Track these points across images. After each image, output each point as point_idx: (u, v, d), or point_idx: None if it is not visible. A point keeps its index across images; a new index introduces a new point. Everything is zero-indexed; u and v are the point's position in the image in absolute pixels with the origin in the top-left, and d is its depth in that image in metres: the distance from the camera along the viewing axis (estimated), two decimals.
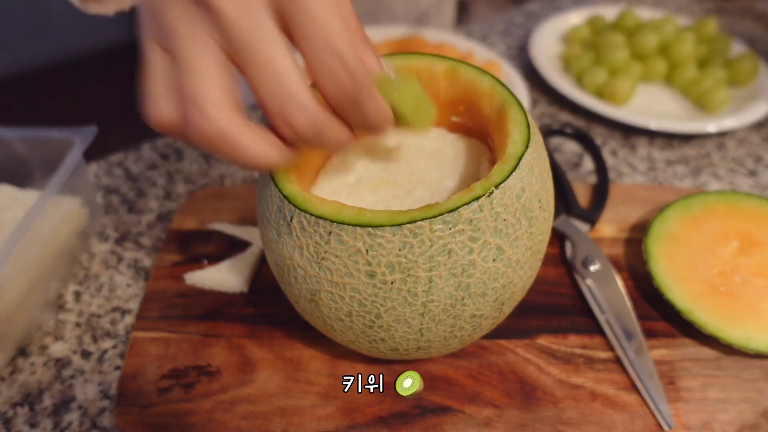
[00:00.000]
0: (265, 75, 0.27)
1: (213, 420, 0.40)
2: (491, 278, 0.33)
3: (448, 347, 0.38)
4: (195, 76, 0.27)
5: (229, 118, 0.27)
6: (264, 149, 0.29)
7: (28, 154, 0.52)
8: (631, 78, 0.71)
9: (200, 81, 0.27)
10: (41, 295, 0.48)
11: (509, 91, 0.37)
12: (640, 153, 0.68)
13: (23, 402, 0.43)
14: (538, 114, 0.73)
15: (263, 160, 0.29)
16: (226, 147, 0.28)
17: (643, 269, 0.51)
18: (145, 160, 0.65)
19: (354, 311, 0.34)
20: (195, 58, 0.27)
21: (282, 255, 0.34)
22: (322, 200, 0.32)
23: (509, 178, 0.32)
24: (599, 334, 0.46)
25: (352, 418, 0.40)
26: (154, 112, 0.28)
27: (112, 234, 0.56)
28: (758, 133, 0.71)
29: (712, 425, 0.41)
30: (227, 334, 0.46)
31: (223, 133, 0.27)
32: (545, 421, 0.40)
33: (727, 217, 0.51)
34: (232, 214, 0.55)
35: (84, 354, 0.46)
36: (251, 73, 0.27)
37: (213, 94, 0.27)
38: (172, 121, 0.28)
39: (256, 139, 0.28)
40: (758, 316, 0.45)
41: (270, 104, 0.27)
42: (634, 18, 0.79)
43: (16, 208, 0.48)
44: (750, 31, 0.93)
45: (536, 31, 0.83)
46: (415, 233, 0.31)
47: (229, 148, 0.28)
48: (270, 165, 0.29)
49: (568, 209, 0.54)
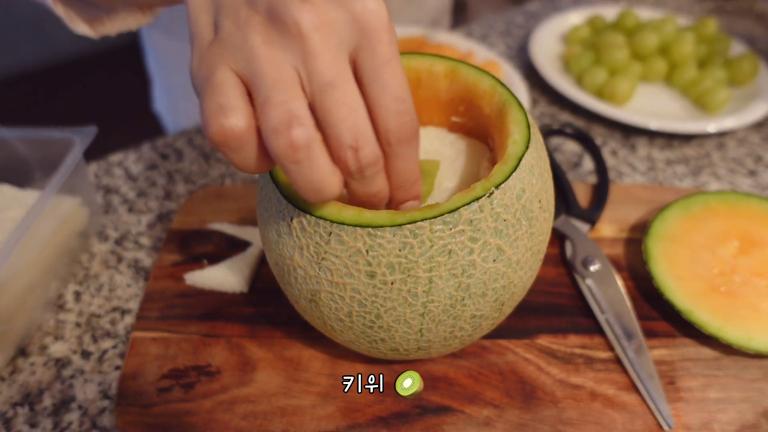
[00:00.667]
0: (347, 114, 0.28)
1: (213, 420, 0.40)
2: (491, 279, 0.33)
3: (448, 347, 0.38)
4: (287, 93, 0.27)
5: (318, 135, 0.28)
6: (333, 175, 0.29)
7: (28, 154, 0.52)
8: (631, 78, 0.71)
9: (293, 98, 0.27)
10: (41, 295, 0.48)
11: (509, 91, 0.37)
12: (640, 153, 0.68)
13: (23, 402, 0.43)
14: (538, 114, 0.73)
15: (328, 184, 0.29)
16: (308, 163, 0.28)
17: (643, 269, 0.51)
18: (145, 160, 0.65)
19: (354, 311, 0.34)
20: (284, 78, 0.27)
21: (282, 255, 0.34)
22: None
23: (509, 178, 0.32)
24: (599, 334, 0.46)
25: (352, 418, 0.40)
26: (224, 121, 0.27)
27: (112, 234, 0.56)
28: (758, 133, 0.71)
29: (712, 425, 0.41)
30: (227, 334, 0.46)
31: (312, 145, 0.27)
32: (545, 421, 0.40)
33: (727, 217, 0.51)
34: (232, 214, 0.55)
35: (84, 354, 0.46)
36: (328, 104, 0.28)
37: (305, 110, 0.27)
38: (241, 135, 0.28)
39: (331, 164, 0.29)
40: (758, 316, 0.45)
41: (345, 138, 0.28)
42: (634, 18, 0.79)
43: (16, 208, 0.47)
44: (750, 31, 0.93)
45: (536, 31, 0.83)
46: (415, 234, 0.31)
47: (309, 164, 0.28)
48: (333, 195, 0.30)
49: (568, 209, 0.54)
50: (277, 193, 0.34)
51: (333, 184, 0.29)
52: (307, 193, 0.29)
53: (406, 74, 0.36)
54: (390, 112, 0.29)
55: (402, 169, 0.31)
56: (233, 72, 0.28)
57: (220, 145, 0.28)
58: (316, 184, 0.29)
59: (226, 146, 0.28)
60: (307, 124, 0.27)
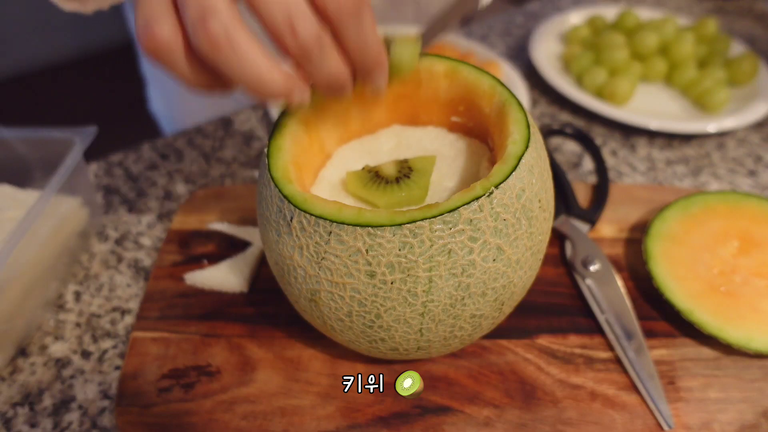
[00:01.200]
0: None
1: (213, 420, 0.40)
2: (491, 278, 0.33)
3: (448, 347, 0.38)
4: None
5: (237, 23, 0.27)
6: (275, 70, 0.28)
7: (28, 154, 0.52)
8: (631, 78, 0.71)
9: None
10: (41, 295, 0.48)
11: (509, 91, 0.37)
12: (640, 153, 0.68)
13: (23, 402, 0.43)
14: (538, 114, 0.73)
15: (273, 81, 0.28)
16: (233, 54, 0.27)
17: (643, 269, 0.51)
18: (145, 160, 0.65)
19: (354, 311, 0.34)
20: None
21: (282, 255, 0.34)
22: (322, 200, 0.32)
23: (509, 178, 0.32)
24: (599, 334, 0.46)
25: (352, 418, 0.40)
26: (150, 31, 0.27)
27: (112, 234, 0.56)
28: (758, 133, 0.71)
29: (712, 425, 0.41)
30: (227, 334, 0.46)
31: (232, 33, 0.27)
32: (545, 421, 0.40)
33: (727, 217, 0.51)
34: (232, 214, 0.55)
35: (84, 354, 0.46)
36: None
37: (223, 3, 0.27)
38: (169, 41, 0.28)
39: (265, 56, 0.28)
40: (758, 316, 0.45)
41: (276, 18, 0.27)
42: (634, 18, 0.79)
43: (16, 208, 0.47)
44: (750, 31, 0.93)
45: (536, 31, 0.83)
46: (415, 233, 0.31)
47: (236, 55, 0.27)
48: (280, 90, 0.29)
49: (568, 209, 0.54)
50: (277, 192, 0.34)
51: (275, 78, 0.28)
52: (252, 91, 0.28)
53: None
54: None
55: (356, 42, 0.30)
56: None
57: (152, 55, 0.28)
58: (255, 77, 0.28)
59: (158, 56, 0.28)
60: (223, 13, 0.27)
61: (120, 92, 2.21)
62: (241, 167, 0.63)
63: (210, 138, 0.67)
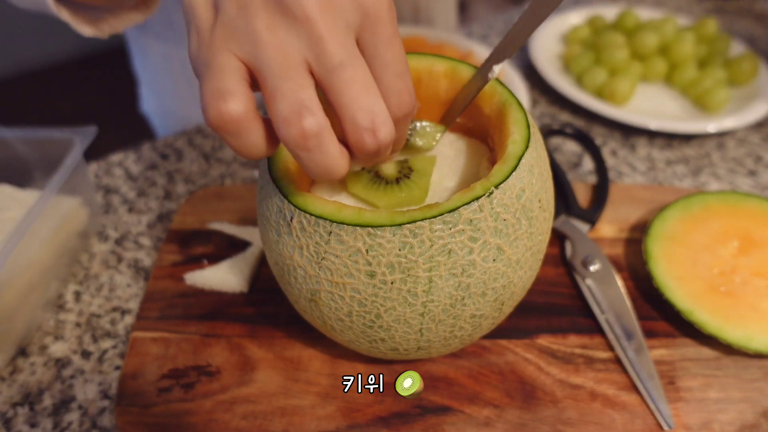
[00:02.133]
0: (359, 93, 0.28)
1: (213, 420, 0.40)
2: (491, 278, 0.33)
3: (448, 347, 0.38)
4: (295, 81, 0.27)
5: (328, 123, 0.28)
6: (342, 157, 0.29)
7: (28, 154, 0.52)
8: (631, 78, 0.71)
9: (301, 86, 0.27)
10: (41, 295, 0.48)
11: (509, 91, 0.37)
12: (640, 153, 0.68)
13: (23, 402, 0.43)
14: (538, 114, 0.73)
15: (337, 166, 0.29)
16: (318, 150, 0.28)
17: (643, 269, 0.51)
18: (145, 160, 0.65)
19: (354, 311, 0.34)
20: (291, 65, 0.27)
21: (282, 255, 0.34)
22: (322, 200, 0.32)
23: (509, 178, 0.32)
24: (599, 334, 0.46)
25: (352, 418, 0.40)
26: (222, 106, 0.27)
27: (112, 234, 0.56)
28: (758, 133, 0.71)
29: (712, 425, 0.41)
30: (227, 334, 0.46)
31: (323, 133, 0.28)
32: (545, 421, 0.40)
33: (727, 217, 0.51)
34: (232, 214, 0.55)
35: (84, 354, 0.46)
36: (339, 85, 0.28)
37: (314, 98, 0.28)
38: (240, 119, 0.28)
39: (340, 148, 0.29)
40: (758, 316, 0.45)
41: (361, 119, 0.28)
42: (634, 18, 0.79)
43: (16, 208, 0.47)
44: (750, 31, 0.93)
45: (536, 31, 0.83)
46: (415, 233, 0.31)
47: (320, 151, 0.28)
48: (340, 175, 0.30)
49: (568, 209, 0.54)
50: (277, 192, 0.34)
51: (342, 165, 0.30)
52: (317, 176, 0.30)
53: None
54: (390, 90, 0.30)
55: (401, 137, 0.34)
56: (237, 57, 0.28)
57: (218, 130, 0.28)
58: (326, 167, 0.29)
59: (224, 131, 0.28)
60: (317, 112, 0.27)
61: (120, 92, 2.21)
62: (241, 167, 0.63)
63: (210, 138, 0.67)
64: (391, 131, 0.29)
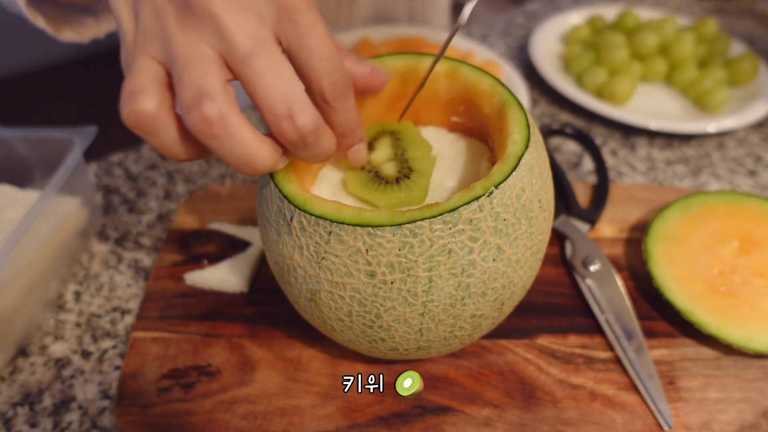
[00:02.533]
0: (273, 79, 0.28)
1: (213, 420, 0.40)
2: (491, 278, 0.33)
3: (448, 347, 0.38)
4: (198, 71, 0.28)
5: (232, 108, 0.28)
6: (263, 148, 0.29)
7: (28, 154, 0.52)
8: (631, 78, 0.71)
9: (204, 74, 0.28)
10: (41, 295, 0.48)
11: (509, 91, 0.37)
12: (640, 153, 0.68)
13: (23, 402, 0.43)
14: (538, 114, 0.73)
15: (256, 156, 0.29)
16: (227, 137, 0.28)
17: (643, 269, 0.51)
18: (145, 160, 0.65)
19: (354, 311, 0.34)
20: (197, 58, 0.28)
21: (282, 255, 0.34)
22: (322, 200, 0.32)
23: (509, 177, 0.32)
24: (599, 334, 0.46)
25: (352, 418, 0.40)
26: (134, 103, 0.28)
27: (112, 234, 0.56)
28: (758, 133, 0.71)
29: (712, 425, 0.41)
30: (227, 334, 0.46)
31: (226, 118, 0.28)
32: (545, 421, 0.40)
33: (727, 217, 0.51)
34: (232, 214, 0.55)
35: (84, 354, 0.46)
36: (251, 74, 0.28)
37: (217, 85, 0.28)
38: (151, 116, 0.28)
39: (256, 136, 0.29)
40: (758, 316, 0.45)
41: (277, 106, 0.28)
42: (634, 18, 0.79)
43: (16, 208, 0.47)
44: (750, 31, 0.93)
45: (536, 31, 0.83)
46: (415, 233, 0.31)
47: (229, 138, 0.28)
48: (267, 166, 0.30)
49: (568, 209, 0.54)
50: (277, 192, 0.34)
51: (263, 156, 0.30)
52: (239, 168, 0.30)
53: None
54: (322, 73, 0.30)
55: (343, 120, 0.33)
56: (154, 60, 0.29)
57: (133, 128, 0.28)
58: (244, 157, 0.29)
59: (139, 129, 0.29)
60: (219, 98, 0.27)
61: (120, 92, 2.21)
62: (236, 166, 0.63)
63: None
64: (312, 116, 0.29)
